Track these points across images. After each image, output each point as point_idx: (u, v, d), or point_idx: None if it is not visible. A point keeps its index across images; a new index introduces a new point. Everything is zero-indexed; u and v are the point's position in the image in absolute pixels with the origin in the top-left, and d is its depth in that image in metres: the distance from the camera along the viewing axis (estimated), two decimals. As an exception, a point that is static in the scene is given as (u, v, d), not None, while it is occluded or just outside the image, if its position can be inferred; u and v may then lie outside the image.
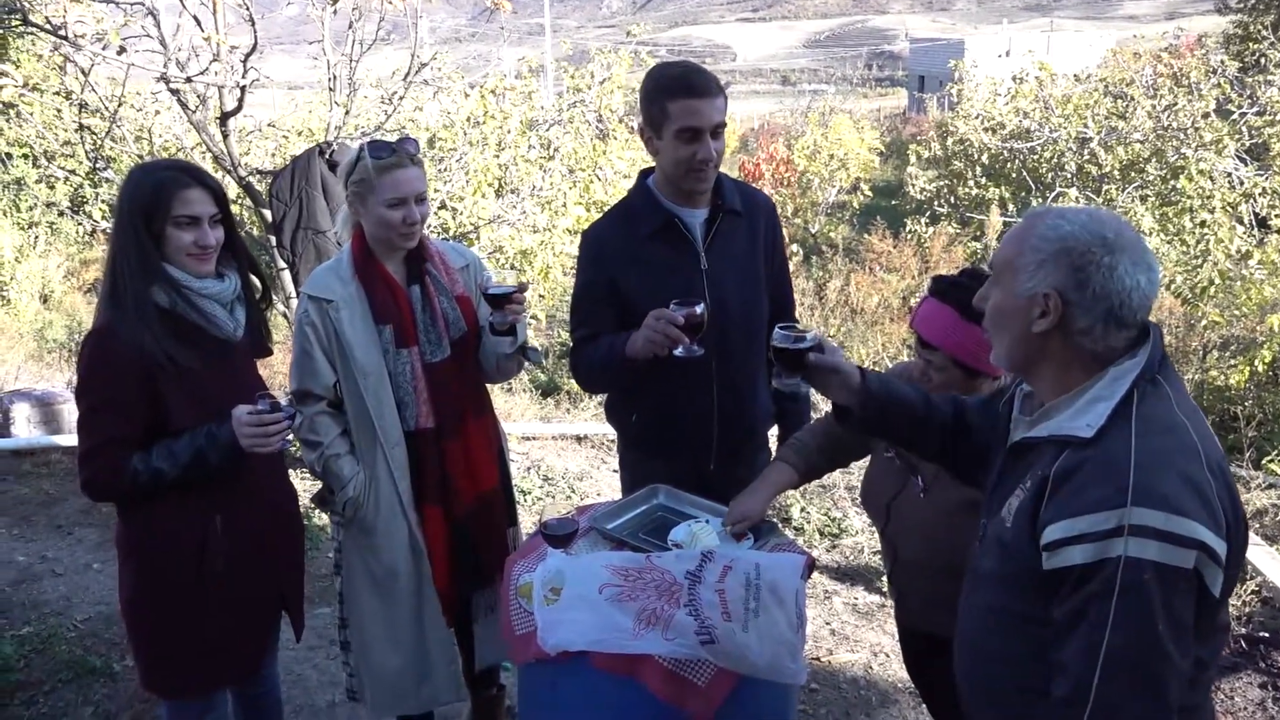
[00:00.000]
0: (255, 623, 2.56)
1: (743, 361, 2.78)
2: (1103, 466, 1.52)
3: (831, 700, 3.64)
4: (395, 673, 2.77)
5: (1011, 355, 1.70)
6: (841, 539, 4.96)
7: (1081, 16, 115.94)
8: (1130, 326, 1.60)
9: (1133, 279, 1.56)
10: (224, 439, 2.27)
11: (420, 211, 2.59)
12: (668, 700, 2.07)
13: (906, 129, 29.70)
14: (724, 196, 2.71)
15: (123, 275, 2.22)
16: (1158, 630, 1.45)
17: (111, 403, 2.23)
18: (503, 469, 2.91)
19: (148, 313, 2.22)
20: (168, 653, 2.41)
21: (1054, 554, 1.53)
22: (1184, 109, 12.31)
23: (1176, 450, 1.52)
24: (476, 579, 2.84)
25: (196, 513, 2.34)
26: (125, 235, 2.24)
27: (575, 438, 6.75)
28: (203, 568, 2.34)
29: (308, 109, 13.18)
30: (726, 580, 2.09)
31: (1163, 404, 1.57)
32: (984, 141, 13.92)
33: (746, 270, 2.77)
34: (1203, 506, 1.47)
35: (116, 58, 4.81)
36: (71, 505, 5.22)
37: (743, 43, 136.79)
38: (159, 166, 2.36)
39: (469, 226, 8.15)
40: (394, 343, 2.61)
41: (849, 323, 9.92)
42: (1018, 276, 1.63)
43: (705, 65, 2.84)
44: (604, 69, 9.70)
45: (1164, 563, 1.44)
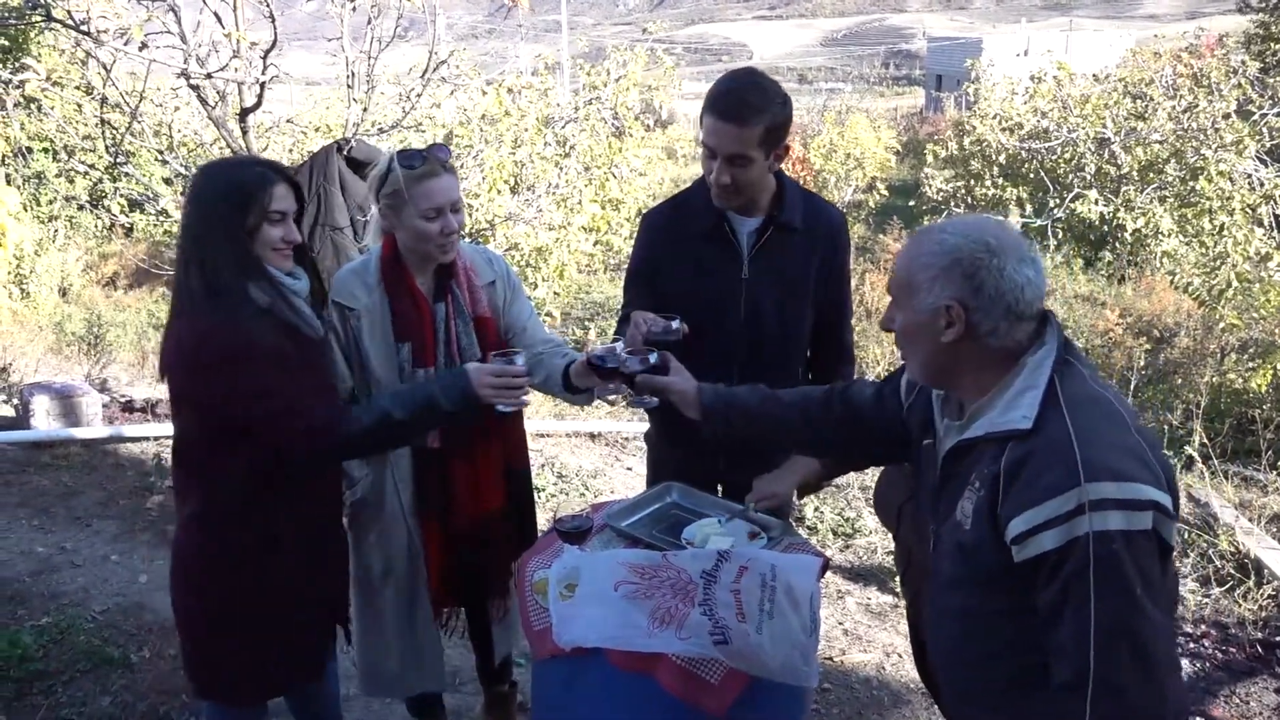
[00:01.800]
0: (315, 629, 2.51)
1: (773, 374, 2.76)
2: (1049, 452, 1.59)
3: (844, 700, 3.65)
4: (381, 662, 2.81)
5: (927, 368, 1.79)
6: (855, 539, 4.96)
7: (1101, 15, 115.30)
8: (1029, 319, 1.69)
9: (1021, 275, 1.66)
10: (459, 386, 2.24)
11: (457, 221, 2.52)
12: (681, 697, 2.08)
13: (923, 128, 29.59)
14: (783, 210, 2.65)
15: (220, 273, 2.14)
16: (1137, 595, 1.52)
17: (275, 375, 2.14)
18: (514, 490, 2.81)
19: (254, 310, 2.16)
20: (230, 661, 2.35)
21: (1024, 545, 1.58)
22: (1204, 110, 12.23)
23: (1107, 421, 1.61)
24: (475, 593, 2.84)
25: (265, 522, 2.29)
26: (217, 232, 2.16)
27: (589, 435, 6.76)
28: (269, 576, 2.30)
29: (325, 105, 13.25)
30: (742, 581, 2.09)
31: (1083, 382, 1.66)
32: (1001, 141, 13.87)
33: (791, 285, 2.71)
34: (1144, 467, 1.55)
35: (138, 53, 4.85)
36: (90, 497, 5.26)
37: (759, 41, 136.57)
38: (247, 163, 2.31)
39: (484, 224, 8.18)
40: (410, 362, 2.57)
41: (864, 322, 9.90)
42: (916, 295, 1.72)
43: (721, 63, 2.84)
44: (620, 66, 9.71)
45: (1128, 529, 1.52)
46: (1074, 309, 10.04)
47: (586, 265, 10.73)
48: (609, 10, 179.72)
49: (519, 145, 8.61)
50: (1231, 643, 3.95)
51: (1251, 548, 4.48)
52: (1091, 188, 12.83)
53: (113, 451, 5.95)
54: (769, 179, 2.63)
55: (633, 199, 9.85)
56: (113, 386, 7.36)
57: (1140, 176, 12.74)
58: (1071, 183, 13.25)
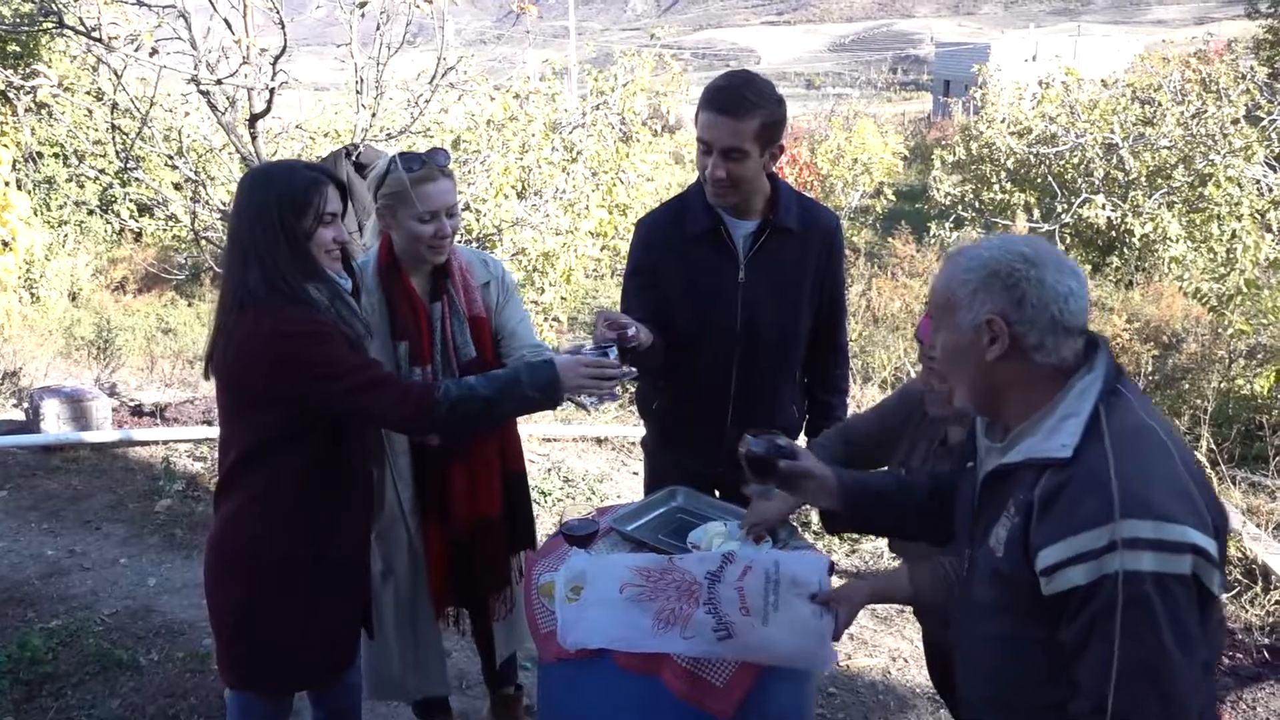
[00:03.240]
0: (348, 624, 2.53)
1: (767, 377, 2.79)
2: (1086, 484, 1.52)
3: (850, 704, 3.65)
4: (382, 662, 2.82)
5: (975, 391, 1.70)
6: (860, 543, 4.96)
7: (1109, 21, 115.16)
8: (1076, 334, 1.61)
9: (1064, 285, 1.59)
10: (543, 373, 2.28)
11: (452, 225, 2.57)
12: (686, 699, 2.09)
13: (931, 133, 29.60)
14: (778, 212, 2.67)
15: (284, 275, 2.17)
16: (1164, 641, 1.44)
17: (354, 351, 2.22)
18: (510, 493, 2.85)
19: (320, 308, 2.20)
20: (271, 651, 2.37)
21: (1052, 578, 1.52)
22: (1213, 115, 12.22)
23: (1152, 455, 1.53)
24: (474, 594, 2.85)
25: (320, 518, 2.32)
26: (276, 235, 2.18)
27: (595, 440, 6.77)
28: (315, 568, 2.32)
29: (334, 110, 13.30)
30: (746, 579, 2.11)
31: (1129, 412, 1.58)
32: (1009, 146, 13.86)
33: (787, 288, 2.73)
34: (1188, 507, 1.47)
35: (149, 59, 4.88)
36: (100, 501, 5.29)
37: (767, 46, 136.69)
38: (297, 166, 2.33)
39: (492, 229, 8.20)
40: (408, 359, 2.61)
41: (870, 328, 9.90)
42: (956, 313, 1.65)
43: (729, 68, 2.85)
44: (627, 72, 9.73)
45: (1161, 571, 1.44)
46: (1082, 315, 10.01)
47: (593, 270, 10.75)
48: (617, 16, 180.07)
49: (526, 150, 8.64)
50: (1239, 648, 3.94)
51: (1259, 554, 4.47)
52: (1099, 193, 12.82)
53: (122, 455, 5.97)
54: (763, 180, 2.64)
55: (640, 204, 9.86)
56: (122, 391, 7.40)
57: (1148, 182, 12.73)
58: (1079, 188, 13.23)
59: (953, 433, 2.38)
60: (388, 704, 3.44)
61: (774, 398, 2.84)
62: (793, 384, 2.89)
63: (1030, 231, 13.06)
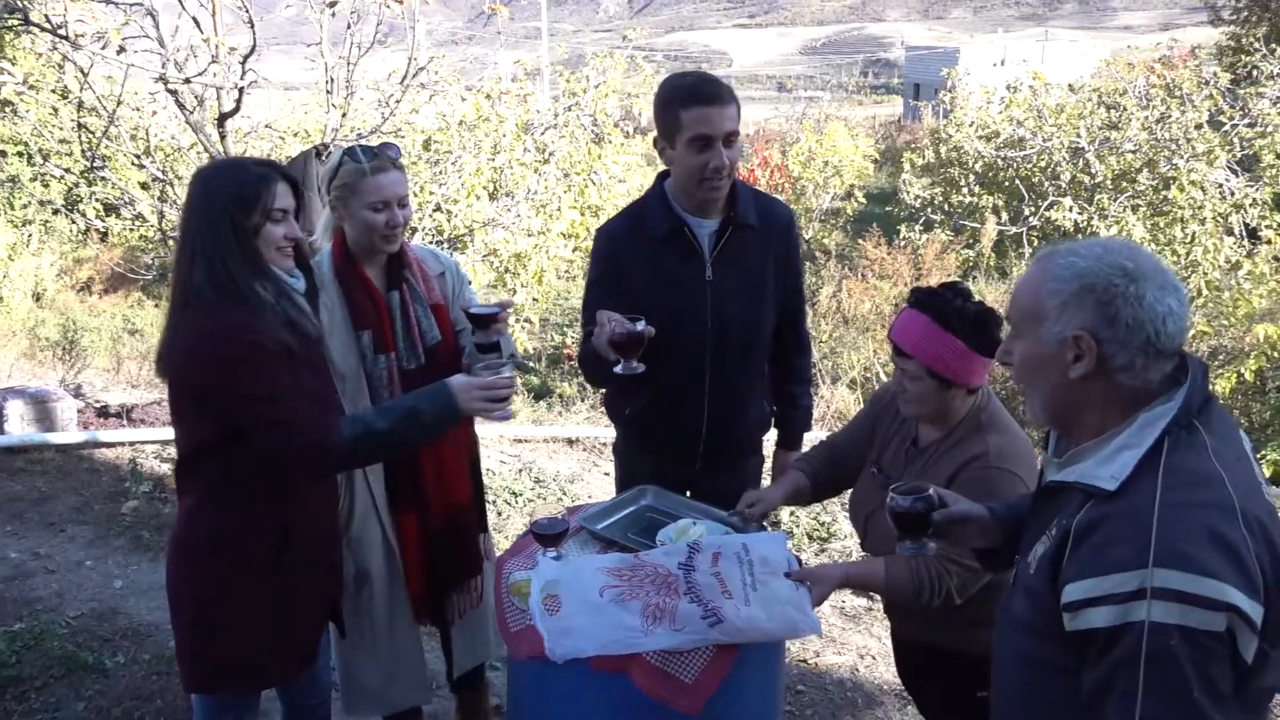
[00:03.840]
0: (312, 621, 2.52)
1: (739, 373, 2.81)
2: (1125, 523, 1.43)
3: (818, 701, 3.68)
4: (366, 676, 2.81)
5: (1050, 407, 1.61)
6: (830, 543, 5.00)
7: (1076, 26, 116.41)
8: (1170, 356, 1.50)
9: (1164, 305, 1.47)
10: (441, 398, 2.26)
11: (403, 215, 2.62)
12: (655, 697, 2.10)
13: (901, 136, 29.78)
14: (738, 209, 2.70)
15: (229, 272, 2.16)
16: (1193, 697, 1.35)
17: (276, 376, 2.16)
18: (475, 478, 2.93)
19: (266, 307, 2.19)
20: (233, 652, 2.36)
21: (1075, 616, 1.45)
22: (1176, 120, 12.40)
23: (1206, 505, 1.41)
24: (448, 584, 2.87)
25: (276, 513, 2.31)
26: (223, 231, 2.17)
27: (567, 440, 6.78)
28: (274, 566, 2.31)
29: (303, 110, 13.21)
30: (720, 564, 2.14)
31: (1196, 453, 1.47)
32: (978, 150, 14.00)
33: (752, 284, 2.77)
34: (1233, 566, 1.36)
35: (115, 57, 4.84)
36: (65, 502, 5.23)
37: (739, 48, 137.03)
38: (246, 163, 2.33)
39: (463, 229, 8.19)
40: (372, 348, 2.65)
41: (841, 329, 9.97)
42: (1042, 324, 1.54)
43: (700, 70, 2.89)
44: (599, 73, 9.75)
45: (1191, 627, 1.34)
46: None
47: (565, 271, 10.75)
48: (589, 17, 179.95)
49: (498, 151, 8.63)
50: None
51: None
52: (1066, 196, 12.97)
53: (87, 457, 5.91)
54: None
55: (612, 205, 9.88)
56: (87, 392, 7.31)
57: (1114, 185, 12.89)
58: (1046, 191, 13.38)
59: (924, 433, 2.41)
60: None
61: (747, 394, 2.87)
62: (762, 378, 2.93)
63: (998, 234, 13.20)
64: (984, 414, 2.33)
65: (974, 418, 2.32)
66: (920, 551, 1.96)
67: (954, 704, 2.47)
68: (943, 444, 2.34)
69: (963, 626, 2.29)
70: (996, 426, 2.32)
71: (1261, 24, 22.83)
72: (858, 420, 2.66)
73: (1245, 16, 24.53)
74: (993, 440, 2.27)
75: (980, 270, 12.80)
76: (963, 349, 2.21)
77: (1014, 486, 2.17)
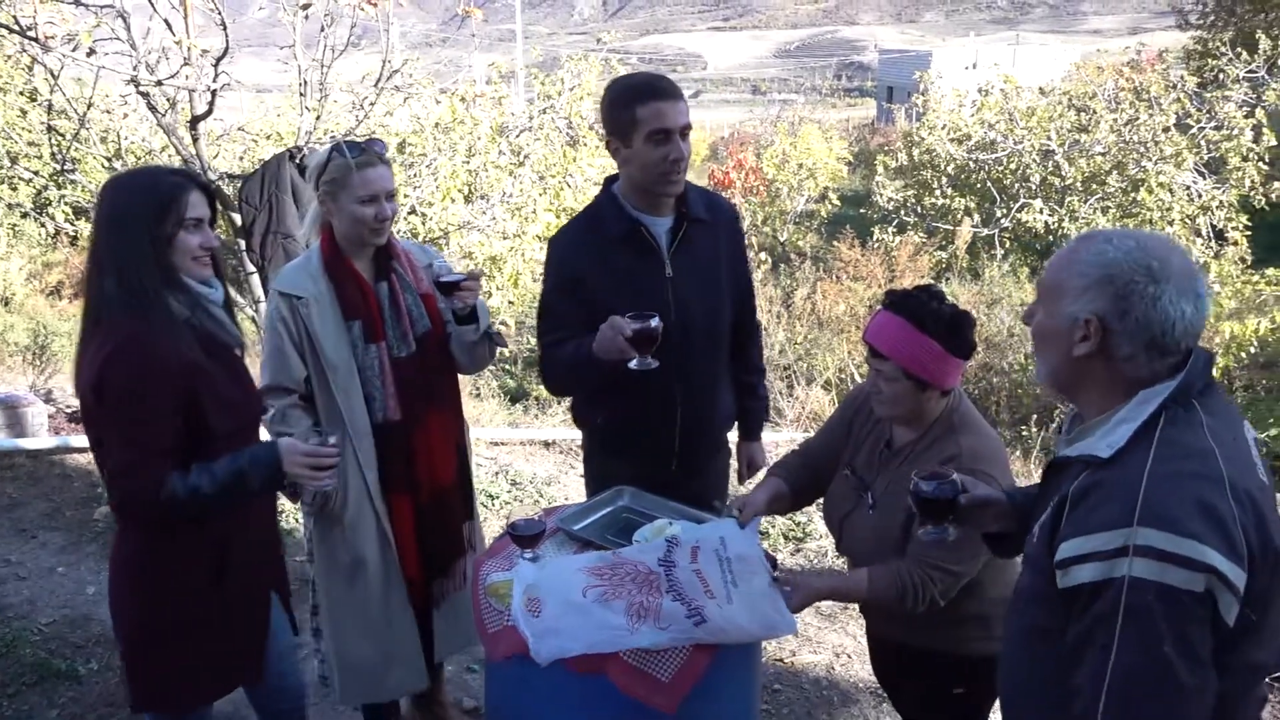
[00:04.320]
0: (255, 629, 2.51)
1: (706, 367, 2.85)
2: (1115, 486, 1.52)
3: (794, 700, 3.70)
4: (363, 660, 2.84)
5: (1055, 376, 1.71)
6: (805, 543, 5.03)
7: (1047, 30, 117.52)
8: (1174, 353, 1.58)
9: (1177, 309, 1.54)
10: (268, 462, 2.25)
11: (390, 208, 2.69)
12: (632, 695, 2.12)
13: (875, 139, 29.94)
14: (689, 204, 2.76)
15: (140, 284, 2.14)
16: (1164, 653, 1.42)
17: (155, 411, 2.14)
18: (462, 463, 2.98)
19: (174, 320, 2.18)
20: (174, 671, 2.34)
21: (1065, 573, 1.53)
22: (1145, 123, 12.56)
23: (1195, 475, 1.49)
24: (436, 568, 2.92)
25: (215, 535, 2.30)
26: (134, 241, 2.16)
27: (543, 443, 6.78)
28: (218, 587, 2.31)
29: (276, 112, 13.13)
30: (699, 560, 2.17)
31: (1192, 430, 1.55)
32: (950, 152, 14.10)
33: (710, 277, 2.82)
34: (1215, 530, 1.43)
35: (86, 60, 4.80)
36: (35, 509, 5.18)
37: (713, 51, 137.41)
38: (159, 171, 2.32)
39: (438, 232, 8.17)
40: (363, 338, 2.71)
41: (815, 331, 10.01)
42: (1061, 300, 1.63)
43: (676, 73, 2.92)
44: (574, 76, 9.75)
45: (1169, 584, 1.42)
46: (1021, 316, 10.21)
47: (540, 274, 10.72)
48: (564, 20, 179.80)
49: (473, 154, 8.62)
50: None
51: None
52: (1037, 198, 13.10)
53: (59, 462, 5.86)
54: None
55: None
56: (58, 397, 7.24)
57: (1084, 187, 13.03)
58: (1017, 193, 13.51)
59: (898, 435, 2.42)
60: (336, 708, 3.43)
61: (714, 388, 2.91)
62: (726, 371, 2.97)
63: (971, 236, 13.31)
64: (956, 415, 2.35)
65: (947, 419, 2.34)
66: (941, 536, 1.98)
67: (933, 702, 2.49)
68: (917, 445, 2.36)
69: (944, 627, 2.31)
70: (969, 427, 2.34)
71: (1228, 28, 23.17)
72: (832, 422, 2.68)
73: (1212, 21, 24.89)
74: (965, 441, 2.30)
75: (953, 272, 12.90)
76: (939, 350, 2.23)
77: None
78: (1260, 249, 12.17)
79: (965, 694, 2.44)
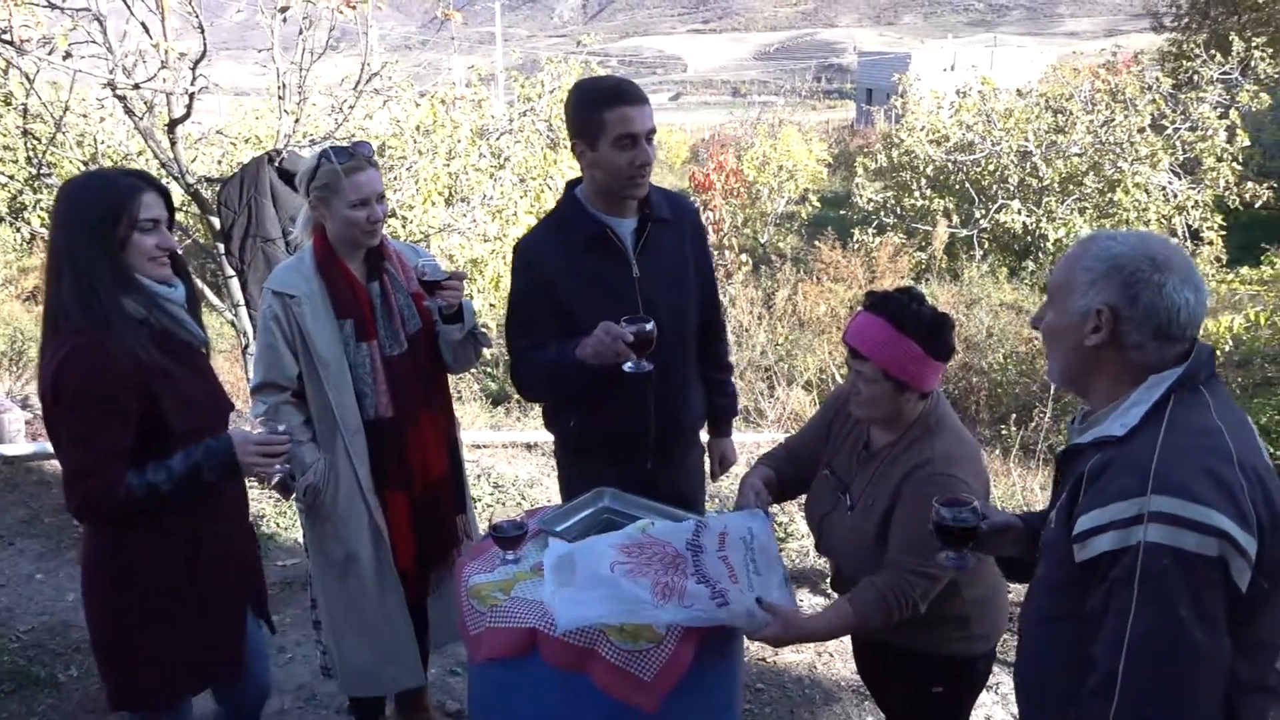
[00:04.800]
0: (230, 625, 2.52)
1: (676, 366, 2.87)
2: (1129, 460, 1.59)
3: (777, 699, 3.72)
4: (357, 653, 2.87)
5: (1066, 369, 1.78)
6: (788, 543, 5.05)
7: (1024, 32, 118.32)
8: (1180, 341, 1.66)
9: (1181, 296, 1.63)
10: (222, 454, 2.26)
11: (381, 210, 2.74)
12: (614, 695, 2.13)
13: (854, 141, 30.09)
14: (652, 205, 2.79)
15: (94, 286, 2.15)
16: (1179, 615, 1.47)
17: (109, 414, 2.15)
18: (453, 458, 3.02)
19: (129, 321, 2.19)
20: (149, 667, 2.36)
21: (1083, 545, 1.59)
22: (1120, 124, 12.66)
23: (1203, 449, 1.56)
24: (431, 559, 2.96)
25: (183, 528, 2.31)
26: (89, 244, 2.17)
27: (525, 445, 6.78)
28: (190, 581, 2.33)
29: (254, 116, 13.08)
30: (726, 547, 2.23)
31: (1200, 411, 1.63)
32: (929, 153, 14.18)
33: (677, 276, 2.85)
34: (1226, 499, 1.50)
35: (62, 63, 4.77)
36: (12, 515, 5.14)
37: (693, 54, 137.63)
38: (114, 173, 2.34)
39: (419, 235, 8.16)
40: (354, 336, 2.75)
41: (796, 332, 10.05)
42: (1071, 295, 1.71)
43: (656, 75, 2.94)
44: (554, 78, 9.75)
45: (1183, 548, 1.48)
46: (999, 316, 10.28)
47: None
48: (544, 22, 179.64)
49: (453, 157, 8.61)
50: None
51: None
52: (1015, 199, 13.19)
53: (36, 469, 5.81)
54: None
55: (547, 213, 9.87)
56: (35, 403, 7.19)
57: (1061, 188, 13.13)
58: (996, 194, 13.60)
59: (876, 437, 2.43)
60: (316, 711, 3.43)
61: (686, 388, 2.94)
62: (696, 371, 3.00)
63: (950, 237, 13.39)
64: (933, 418, 2.36)
65: (924, 421, 2.35)
66: (960, 564, 2.02)
67: (916, 701, 2.51)
68: (895, 447, 2.37)
69: (925, 628, 2.32)
70: (945, 431, 2.35)
71: (1202, 30, 23.39)
72: (814, 422, 2.70)
73: (1186, 23, 25.12)
74: (939, 446, 2.30)
75: (932, 273, 12.97)
76: (918, 353, 2.24)
77: (958, 490, 2.19)
78: (1235, 249, 12.31)
79: (944, 693, 2.46)
